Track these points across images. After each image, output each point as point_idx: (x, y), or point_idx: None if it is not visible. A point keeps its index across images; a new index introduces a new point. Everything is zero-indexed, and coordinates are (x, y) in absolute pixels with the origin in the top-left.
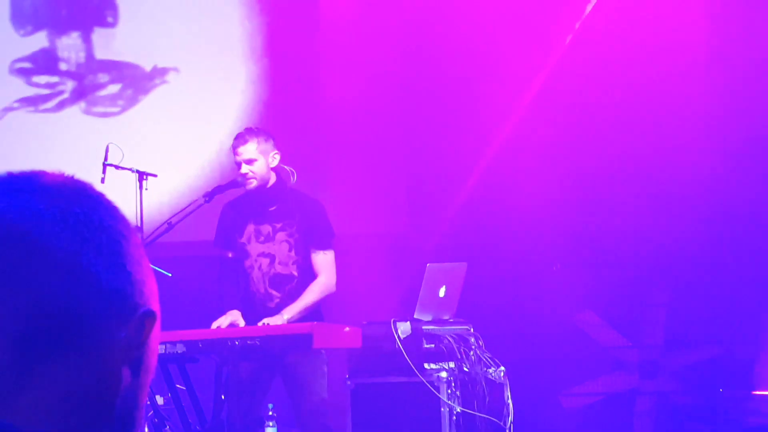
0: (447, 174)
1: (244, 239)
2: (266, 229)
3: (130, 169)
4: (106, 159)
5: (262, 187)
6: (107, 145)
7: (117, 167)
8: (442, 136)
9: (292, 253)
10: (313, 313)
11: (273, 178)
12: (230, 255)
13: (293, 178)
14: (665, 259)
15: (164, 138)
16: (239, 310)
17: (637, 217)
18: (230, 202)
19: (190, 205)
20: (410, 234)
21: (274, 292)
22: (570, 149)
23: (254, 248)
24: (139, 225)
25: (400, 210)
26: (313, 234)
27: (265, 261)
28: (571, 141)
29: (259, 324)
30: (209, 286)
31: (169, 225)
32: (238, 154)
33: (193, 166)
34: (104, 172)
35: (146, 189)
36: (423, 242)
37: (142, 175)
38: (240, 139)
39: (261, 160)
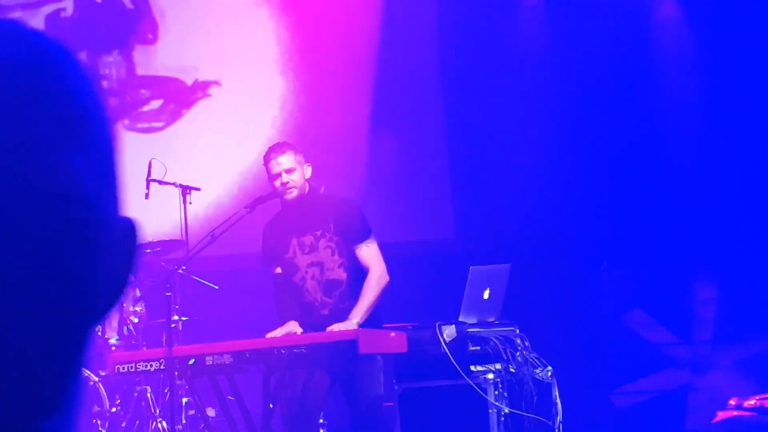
0: (490, 177)
1: (290, 254)
2: (309, 239)
3: (173, 184)
4: (149, 175)
5: (297, 198)
6: (150, 161)
7: (160, 182)
8: (486, 140)
9: (336, 257)
10: (372, 318)
11: (306, 189)
12: (279, 270)
13: (321, 190)
14: (713, 254)
15: (206, 151)
16: (296, 320)
17: (684, 212)
18: (270, 222)
19: (232, 216)
20: (454, 238)
21: (327, 299)
22: (615, 148)
23: (302, 260)
24: (184, 239)
25: (444, 215)
26: (350, 231)
27: (316, 270)
28: (614, 140)
29: (328, 330)
30: (254, 298)
31: (212, 237)
32: (276, 164)
33: (235, 178)
34: (148, 187)
35: (190, 203)
36: (466, 246)
37: (185, 189)
38: (278, 150)
39: (299, 170)
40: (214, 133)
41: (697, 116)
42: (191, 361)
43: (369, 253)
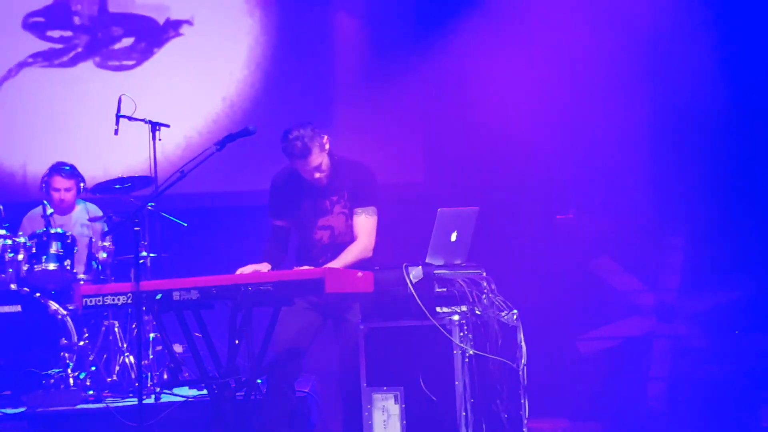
0: (459, 119)
1: (302, 214)
2: (323, 203)
3: (143, 120)
4: (119, 111)
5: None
6: (120, 97)
7: (130, 118)
8: (456, 84)
9: (350, 222)
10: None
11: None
12: (282, 224)
13: (327, 144)
14: (682, 203)
15: (177, 89)
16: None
17: (653, 159)
18: (281, 175)
19: (201, 153)
20: (423, 181)
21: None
22: (584, 92)
23: (313, 222)
24: (153, 175)
25: (414, 158)
26: (356, 195)
27: (326, 233)
28: (585, 83)
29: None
30: (222, 236)
31: (181, 173)
32: (307, 166)
33: (205, 116)
34: (117, 123)
35: (159, 140)
36: (435, 188)
37: (155, 126)
38: (299, 154)
39: (325, 159)
40: (185, 71)
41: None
42: (158, 296)
43: (364, 223)
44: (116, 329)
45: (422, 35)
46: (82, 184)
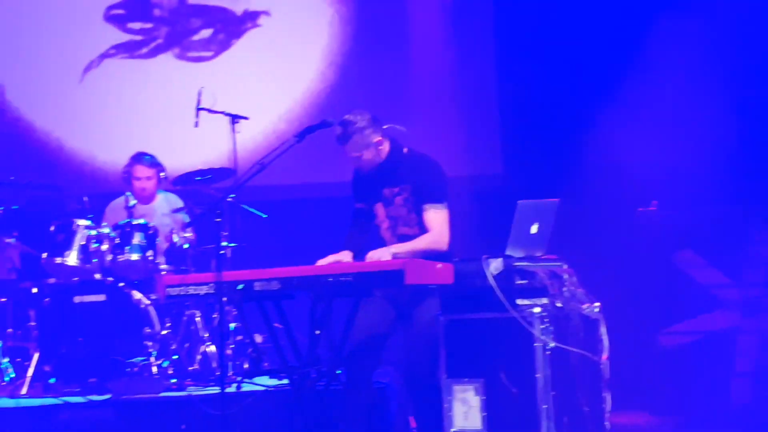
0: (539, 112)
1: (373, 200)
2: (388, 193)
3: (222, 113)
4: (198, 103)
5: (375, 165)
6: (200, 90)
7: (210, 111)
8: (536, 74)
9: (413, 215)
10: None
11: (386, 149)
12: (362, 206)
13: (405, 150)
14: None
15: (255, 80)
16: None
17: (739, 151)
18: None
19: (281, 146)
20: (502, 173)
21: None
22: (668, 83)
23: (381, 211)
24: (233, 167)
25: (493, 151)
26: (423, 191)
27: (391, 223)
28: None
29: (367, 257)
30: (301, 227)
31: (261, 166)
32: (347, 150)
33: (283, 108)
34: (197, 116)
35: (239, 132)
36: (514, 181)
37: (234, 118)
38: (339, 142)
39: (366, 151)
40: (263, 62)
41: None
42: (240, 286)
43: (435, 217)
44: (198, 319)
45: (501, 25)
46: (162, 174)
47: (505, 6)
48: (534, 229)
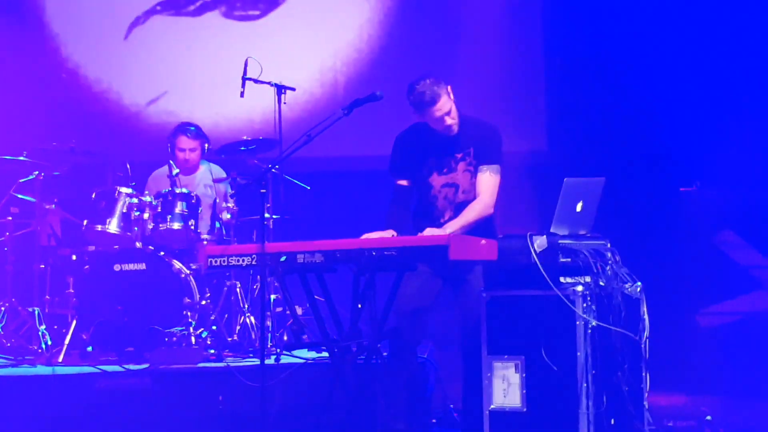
0: (585, 90)
1: (425, 172)
2: (448, 160)
3: (269, 83)
4: (245, 73)
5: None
6: (246, 60)
7: (256, 81)
8: (583, 53)
9: (474, 180)
10: (477, 230)
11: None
12: (404, 183)
13: (451, 96)
14: None
15: (299, 42)
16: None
17: None
18: (406, 133)
19: (329, 118)
20: (546, 150)
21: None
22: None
23: (437, 180)
24: (278, 138)
25: (538, 127)
26: (481, 152)
27: (450, 191)
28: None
29: (425, 232)
30: (344, 200)
31: (308, 137)
32: (435, 112)
33: (329, 78)
34: (243, 86)
35: (284, 103)
36: (558, 158)
37: (280, 89)
38: (429, 100)
39: (451, 105)
40: (310, 29)
41: None
42: (283, 258)
43: (487, 180)
44: (238, 290)
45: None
46: (206, 145)
47: None
48: (579, 207)
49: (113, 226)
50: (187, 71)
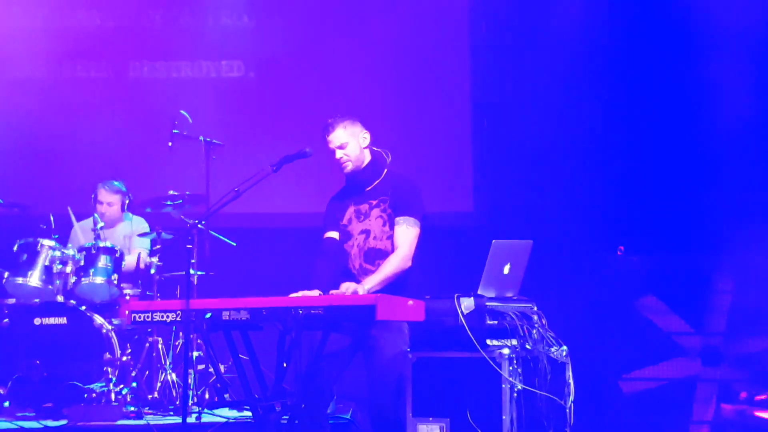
0: (511, 154)
1: (345, 221)
2: (364, 207)
3: (197, 138)
4: (174, 127)
5: (358, 168)
6: (176, 113)
7: (185, 136)
8: (508, 116)
9: (387, 228)
10: (399, 287)
11: (367, 158)
12: (333, 234)
13: (388, 158)
14: (731, 246)
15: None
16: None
17: (702, 202)
18: (334, 195)
19: (257, 174)
20: (472, 211)
21: (368, 266)
22: (638, 132)
23: (355, 228)
24: (205, 193)
25: (464, 189)
26: (399, 205)
27: (362, 237)
28: (637, 124)
29: (341, 287)
30: (270, 257)
31: (237, 193)
32: (329, 142)
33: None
34: (172, 140)
35: (213, 158)
36: (483, 220)
37: (209, 144)
38: (327, 128)
39: (352, 142)
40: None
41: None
42: (208, 315)
43: (404, 233)
44: (160, 346)
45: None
46: (127, 200)
47: (480, 46)
48: (507, 269)
49: (34, 278)
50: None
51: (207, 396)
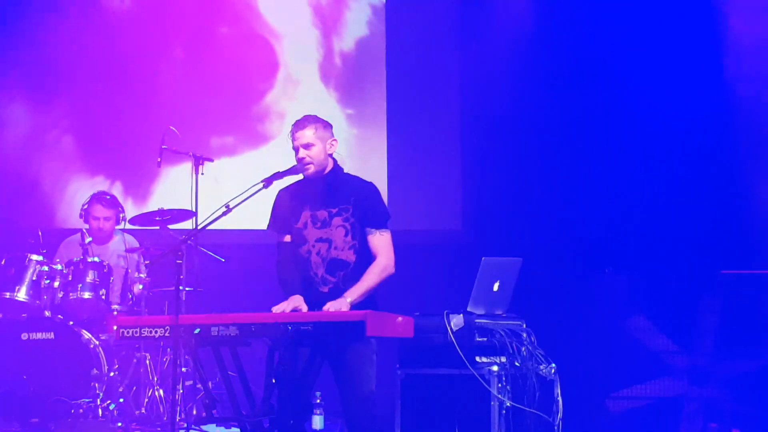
0: (500, 172)
1: (300, 225)
2: (323, 214)
3: (186, 153)
4: (163, 142)
5: (319, 173)
6: (166, 129)
7: (174, 151)
8: (499, 133)
9: (349, 238)
10: (368, 300)
11: (330, 165)
12: (288, 239)
13: (345, 166)
14: (718, 266)
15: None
16: (300, 294)
17: (691, 222)
18: (286, 188)
19: (248, 189)
20: (460, 229)
21: (329, 277)
22: (626, 151)
23: (311, 234)
24: (193, 209)
25: (453, 207)
26: (367, 214)
27: (323, 246)
28: (626, 143)
29: (324, 308)
30: (262, 273)
31: (227, 209)
32: (296, 139)
33: (249, 152)
34: (161, 155)
35: (202, 173)
36: (472, 237)
37: (198, 160)
38: (298, 124)
39: (318, 146)
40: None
41: (712, 121)
42: (196, 331)
43: (380, 241)
44: (148, 362)
45: (465, 79)
46: (121, 215)
47: (470, 65)
48: (496, 286)
49: (22, 293)
50: (102, 139)
51: (195, 412)
